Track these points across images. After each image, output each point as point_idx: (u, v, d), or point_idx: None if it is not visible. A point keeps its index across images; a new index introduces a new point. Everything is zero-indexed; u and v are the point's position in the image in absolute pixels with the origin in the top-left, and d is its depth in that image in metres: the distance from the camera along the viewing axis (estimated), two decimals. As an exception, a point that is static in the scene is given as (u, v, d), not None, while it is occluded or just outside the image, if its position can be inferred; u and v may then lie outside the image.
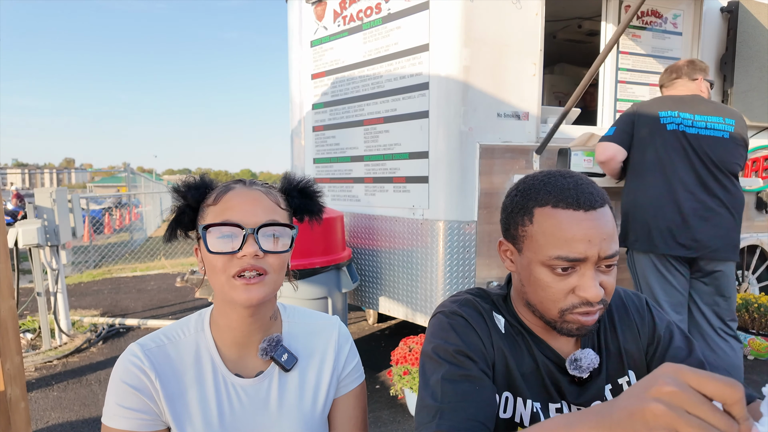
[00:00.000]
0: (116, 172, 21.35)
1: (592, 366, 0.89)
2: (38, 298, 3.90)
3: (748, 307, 3.52)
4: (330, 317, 1.08)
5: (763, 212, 3.65)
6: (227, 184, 0.94)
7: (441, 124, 2.72)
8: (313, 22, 3.48)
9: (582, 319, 0.83)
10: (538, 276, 0.85)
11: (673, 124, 2.40)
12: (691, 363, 0.93)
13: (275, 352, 0.95)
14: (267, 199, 0.91)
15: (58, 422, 2.83)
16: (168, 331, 0.96)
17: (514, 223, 0.89)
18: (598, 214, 0.81)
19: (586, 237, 0.80)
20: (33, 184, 73.24)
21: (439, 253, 2.75)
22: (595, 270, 0.82)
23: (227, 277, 0.87)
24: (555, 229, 0.82)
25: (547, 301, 0.85)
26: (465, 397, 0.82)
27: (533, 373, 0.91)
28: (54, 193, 3.99)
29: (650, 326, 0.99)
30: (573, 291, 0.83)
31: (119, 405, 0.88)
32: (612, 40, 2.28)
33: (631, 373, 0.96)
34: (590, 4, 3.60)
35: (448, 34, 2.66)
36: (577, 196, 0.82)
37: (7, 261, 1.68)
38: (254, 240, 0.86)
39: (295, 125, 3.80)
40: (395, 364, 2.73)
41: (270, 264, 0.88)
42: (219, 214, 0.89)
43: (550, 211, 0.83)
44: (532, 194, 0.86)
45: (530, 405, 0.90)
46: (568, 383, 0.91)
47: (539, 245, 0.84)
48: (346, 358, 1.03)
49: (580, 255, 0.80)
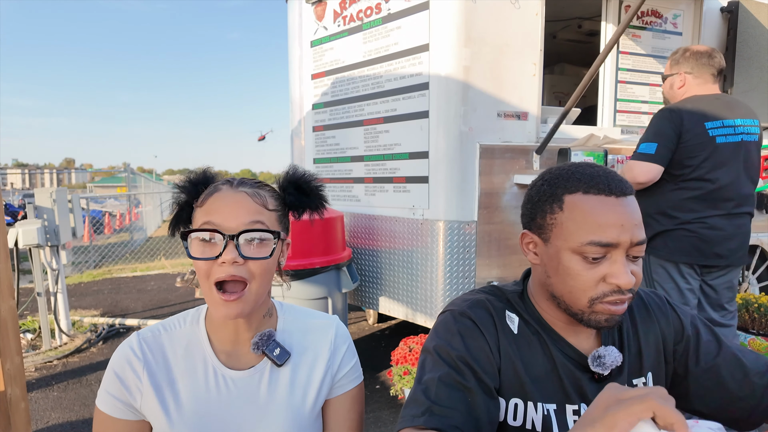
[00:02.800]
0: (116, 172, 21.35)
1: (615, 363, 0.87)
2: (38, 298, 3.90)
3: (748, 307, 3.51)
4: (329, 316, 1.07)
5: (763, 212, 3.65)
6: (216, 185, 0.92)
7: (441, 124, 2.72)
8: (313, 22, 3.48)
9: (612, 308, 0.82)
10: (567, 264, 0.83)
11: (722, 136, 2.26)
12: (726, 356, 0.94)
13: (267, 347, 0.95)
14: (251, 201, 0.89)
15: (58, 422, 2.83)
16: (167, 322, 1.00)
17: (542, 212, 0.87)
18: (628, 200, 0.82)
19: (619, 222, 0.79)
20: (33, 184, 73.23)
21: (439, 253, 2.75)
22: (625, 257, 0.81)
23: (210, 284, 0.86)
24: (587, 214, 0.81)
25: (576, 291, 0.83)
26: (456, 404, 0.82)
27: (549, 373, 0.89)
28: (54, 193, 3.99)
29: (676, 325, 0.97)
30: (604, 279, 0.81)
31: (105, 389, 0.93)
32: (612, 40, 2.28)
33: (650, 374, 0.95)
34: (590, 4, 3.60)
35: (448, 34, 2.66)
36: (608, 182, 0.82)
37: (7, 261, 1.68)
38: (234, 246, 0.85)
39: (295, 125, 3.80)
40: (395, 364, 2.73)
41: (251, 271, 0.87)
42: (202, 217, 0.88)
43: (582, 197, 0.82)
44: (560, 182, 0.86)
45: (542, 408, 0.88)
46: (588, 381, 0.89)
47: (570, 232, 0.82)
48: (342, 358, 1.02)
49: (613, 240, 0.79)
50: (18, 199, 14.94)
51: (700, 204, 2.28)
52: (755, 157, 2.36)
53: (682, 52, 2.40)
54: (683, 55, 2.39)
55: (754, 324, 3.51)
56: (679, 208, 2.32)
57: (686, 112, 2.27)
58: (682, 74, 2.39)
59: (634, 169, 2.28)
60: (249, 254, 0.86)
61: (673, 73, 2.43)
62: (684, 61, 2.38)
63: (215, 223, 0.86)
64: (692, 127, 2.25)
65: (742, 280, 3.76)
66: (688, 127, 2.24)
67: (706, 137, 2.25)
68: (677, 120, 2.26)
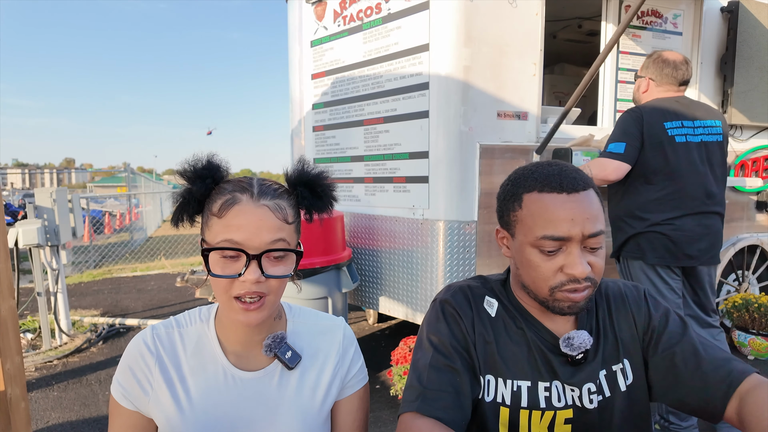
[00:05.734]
0: (116, 172, 21.36)
1: (584, 346, 0.93)
2: (38, 298, 3.90)
3: (748, 307, 3.51)
4: (335, 318, 1.08)
5: (763, 212, 3.65)
6: (233, 192, 0.87)
7: (441, 124, 2.72)
8: (313, 22, 3.48)
9: (571, 296, 0.89)
10: (528, 257, 0.91)
11: (681, 136, 2.31)
12: (684, 345, 0.96)
13: (279, 349, 0.95)
14: (274, 217, 0.86)
15: (58, 422, 2.83)
16: (180, 318, 1.01)
17: (507, 210, 0.97)
18: (580, 197, 0.88)
19: (569, 216, 0.87)
20: (33, 184, 73.20)
21: (439, 253, 2.75)
22: (581, 249, 0.88)
23: (228, 297, 0.86)
24: (541, 211, 0.89)
25: (538, 280, 0.91)
26: (445, 386, 0.92)
27: (524, 353, 0.98)
28: (54, 193, 3.99)
29: (646, 316, 1.02)
30: (561, 269, 0.89)
31: (117, 379, 0.95)
32: (612, 40, 2.28)
33: (626, 361, 0.99)
34: (590, 4, 3.60)
35: (448, 34, 2.65)
36: (561, 180, 0.89)
37: (7, 261, 1.68)
38: (257, 265, 0.84)
39: (295, 125, 3.80)
40: (395, 364, 2.73)
41: (271, 287, 0.87)
42: (222, 231, 0.85)
43: (537, 195, 0.90)
44: (521, 182, 0.95)
45: (511, 384, 0.96)
46: (560, 363, 0.96)
47: (528, 227, 0.91)
48: (351, 360, 1.03)
49: (565, 234, 0.87)
50: (18, 199, 14.96)
51: (667, 204, 2.32)
52: (719, 157, 2.39)
53: (654, 57, 2.45)
54: (653, 60, 2.45)
55: (754, 324, 3.52)
56: (647, 209, 2.35)
57: (646, 112, 2.34)
58: (647, 79, 2.47)
59: (607, 167, 2.34)
60: (271, 272, 0.86)
61: (641, 75, 2.51)
62: (651, 66, 2.45)
63: (237, 240, 0.84)
64: (652, 127, 2.31)
65: (742, 280, 3.76)
66: (648, 127, 2.31)
67: (665, 136, 2.31)
68: (639, 119, 2.33)
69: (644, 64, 2.49)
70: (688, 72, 2.39)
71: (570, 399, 0.96)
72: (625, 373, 0.99)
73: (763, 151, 3.62)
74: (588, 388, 0.96)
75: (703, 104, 2.46)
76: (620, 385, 0.98)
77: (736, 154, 3.53)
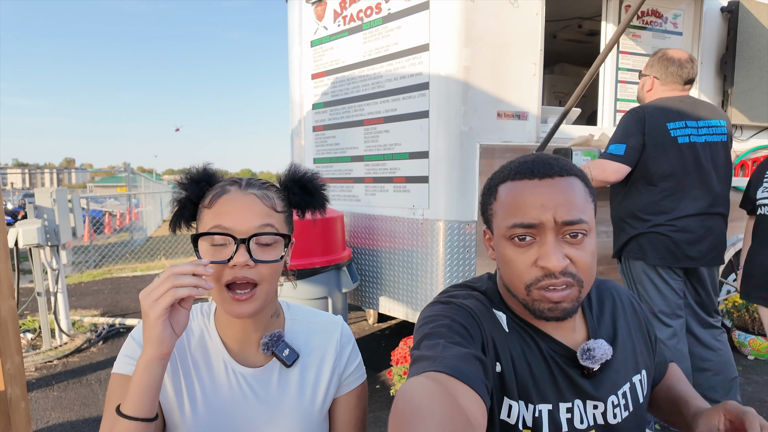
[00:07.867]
0: (116, 172, 21.34)
1: (605, 357, 0.84)
2: (38, 298, 3.90)
3: (748, 307, 3.51)
4: (333, 317, 1.08)
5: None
6: (223, 185, 0.91)
7: (441, 124, 2.72)
8: (313, 22, 3.48)
9: (547, 295, 0.78)
10: (503, 251, 0.83)
11: (685, 136, 2.29)
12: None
13: (276, 347, 0.95)
14: (262, 204, 0.89)
15: (59, 422, 2.83)
16: None
17: (485, 205, 0.89)
18: (554, 182, 0.80)
19: (539, 202, 0.78)
20: (33, 184, 73.20)
21: (439, 253, 2.75)
22: (557, 239, 0.78)
23: (220, 286, 0.87)
24: (511, 199, 0.81)
25: (514, 278, 0.81)
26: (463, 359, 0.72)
27: (544, 370, 0.85)
28: (54, 193, 3.99)
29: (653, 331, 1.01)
30: (535, 263, 0.79)
31: (125, 354, 0.92)
32: (612, 40, 2.28)
33: (644, 371, 0.94)
34: (590, 4, 3.60)
35: (448, 34, 2.65)
36: (533, 166, 0.81)
37: (7, 261, 1.68)
38: (245, 249, 0.85)
39: (295, 125, 3.80)
40: (395, 364, 2.73)
41: (261, 273, 0.87)
42: (212, 219, 0.87)
43: (509, 184, 0.83)
44: (496, 174, 0.88)
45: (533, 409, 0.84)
46: (579, 376, 0.86)
47: (500, 218, 0.83)
48: (348, 358, 1.03)
49: (534, 220, 0.78)
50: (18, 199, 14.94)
51: (669, 205, 2.30)
52: (723, 157, 2.37)
53: (659, 55, 2.43)
54: (658, 58, 2.42)
55: (754, 324, 3.52)
56: (649, 210, 2.34)
57: (649, 112, 2.31)
58: (651, 77, 2.44)
59: (607, 169, 2.32)
60: (260, 257, 0.86)
61: (645, 74, 2.48)
62: (656, 64, 2.42)
63: (226, 226, 0.86)
64: (654, 128, 2.29)
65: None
66: (650, 128, 2.29)
67: (667, 137, 2.28)
68: (641, 120, 2.30)
69: (649, 63, 2.46)
70: (694, 70, 2.37)
71: (592, 418, 0.87)
72: (642, 384, 0.93)
73: (764, 151, 3.62)
74: (612, 401, 0.87)
75: (708, 104, 2.44)
76: (639, 397, 0.91)
77: (737, 154, 3.53)
